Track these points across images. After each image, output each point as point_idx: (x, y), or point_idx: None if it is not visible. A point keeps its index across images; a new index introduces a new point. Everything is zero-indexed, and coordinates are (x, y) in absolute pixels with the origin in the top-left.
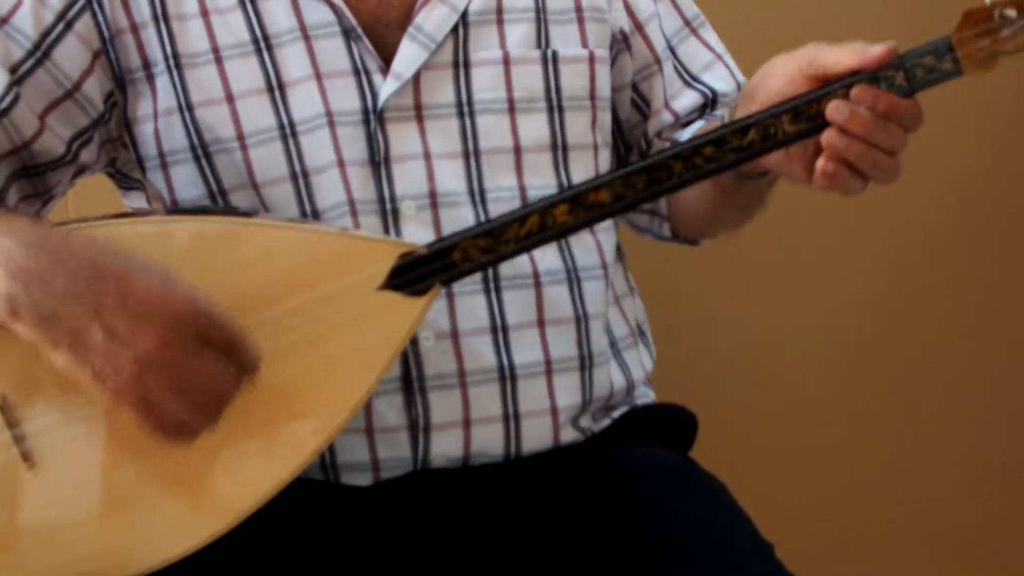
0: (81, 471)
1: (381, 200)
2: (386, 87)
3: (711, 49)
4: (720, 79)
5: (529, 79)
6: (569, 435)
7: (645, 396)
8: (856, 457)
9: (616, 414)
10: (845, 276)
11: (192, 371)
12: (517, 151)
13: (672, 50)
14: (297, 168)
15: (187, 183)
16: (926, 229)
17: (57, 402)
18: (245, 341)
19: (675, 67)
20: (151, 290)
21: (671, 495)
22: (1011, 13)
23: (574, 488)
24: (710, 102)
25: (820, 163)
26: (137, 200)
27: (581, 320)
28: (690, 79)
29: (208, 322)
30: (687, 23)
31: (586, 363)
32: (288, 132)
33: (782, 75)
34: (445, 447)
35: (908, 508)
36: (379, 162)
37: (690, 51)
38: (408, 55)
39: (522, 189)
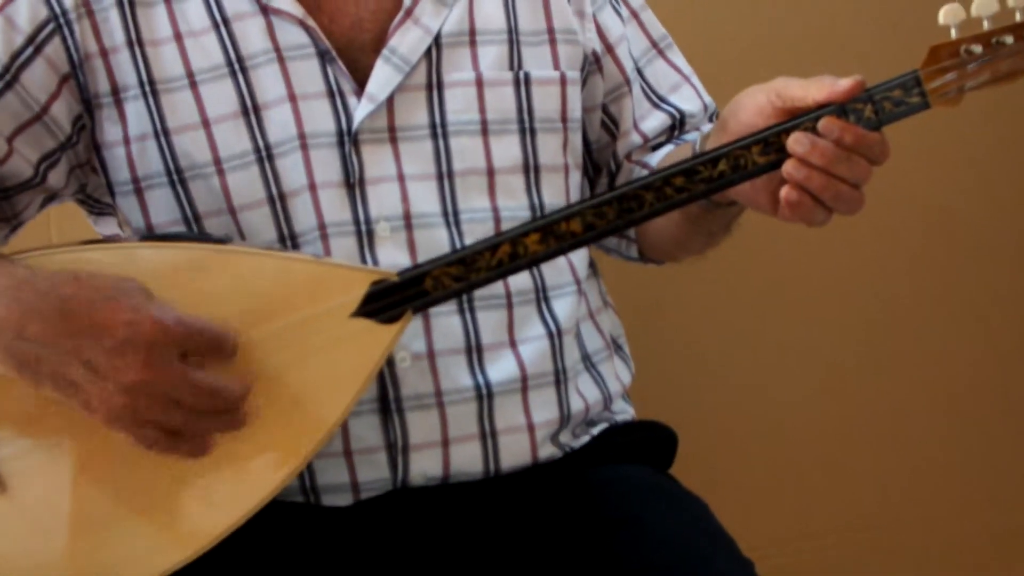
0: (52, 496)
1: (356, 222)
2: (360, 109)
3: (678, 70)
4: (687, 100)
5: (502, 101)
6: (548, 451)
7: (624, 412)
8: (839, 474)
9: (595, 431)
10: (828, 290)
11: (178, 387)
12: (490, 172)
13: (640, 71)
14: (274, 191)
15: (162, 208)
16: (911, 240)
17: (28, 428)
18: (222, 334)
19: (643, 88)
20: (120, 321)
21: (650, 514)
22: (977, 49)
23: (553, 507)
24: (678, 123)
25: (783, 193)
26: (108, 226)
27: (554, 336)
28: (658, 100)
29: (181, 333)
30: (654, 44)
31: (560, 377)
32: (264, 155)
33: (752, 106)
34: (424, 467)
35: (892, 525)
36: (354, 184)
37: (658, 72)
38: (382, 77)
39: (495, 210)
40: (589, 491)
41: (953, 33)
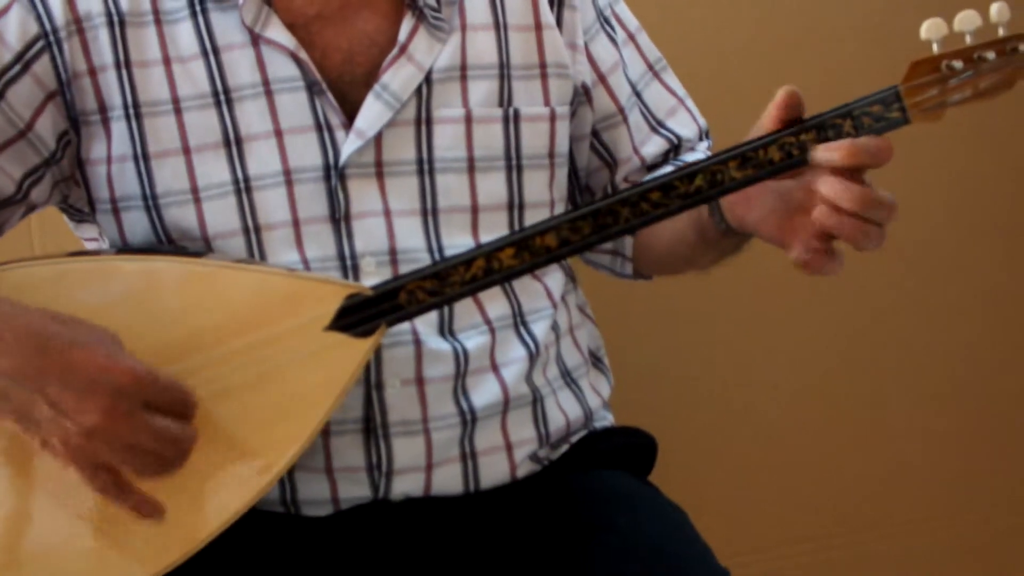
0: (36, 502)
1: (341, 257)
2: (348, 144)
3: (673, 93)
4: (684, 125)
5: (490, 138)
6: (526, 468)
7: (603, 419)
8: (819, 480)
9: (574, 439)
10: (808, 297)
11: (139, 434)
12: (474, 210)
13: (638, 95)
14: (250, 223)
15: (137, 230)
16: (892, 245)
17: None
18: (189, 397)
19: (642, 113)
20: (93, 363)
21: (626, 522)
22: (958, 64)
23: (531, 513)
24: (674, 148)
25: (799, 255)
26: (90, 231)
27: (534, 356)
28: (656, 124)
29: (151, 387)
30: (650, 67)
31: (537, 395)
32: (243, 187)
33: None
34: (406, 488)
35: (871, 531)
36: (339, 219)
37: (655, 96)
38: (372, 113)
39: (479, 246)
40: (567, 497)
41: (935, 48)
